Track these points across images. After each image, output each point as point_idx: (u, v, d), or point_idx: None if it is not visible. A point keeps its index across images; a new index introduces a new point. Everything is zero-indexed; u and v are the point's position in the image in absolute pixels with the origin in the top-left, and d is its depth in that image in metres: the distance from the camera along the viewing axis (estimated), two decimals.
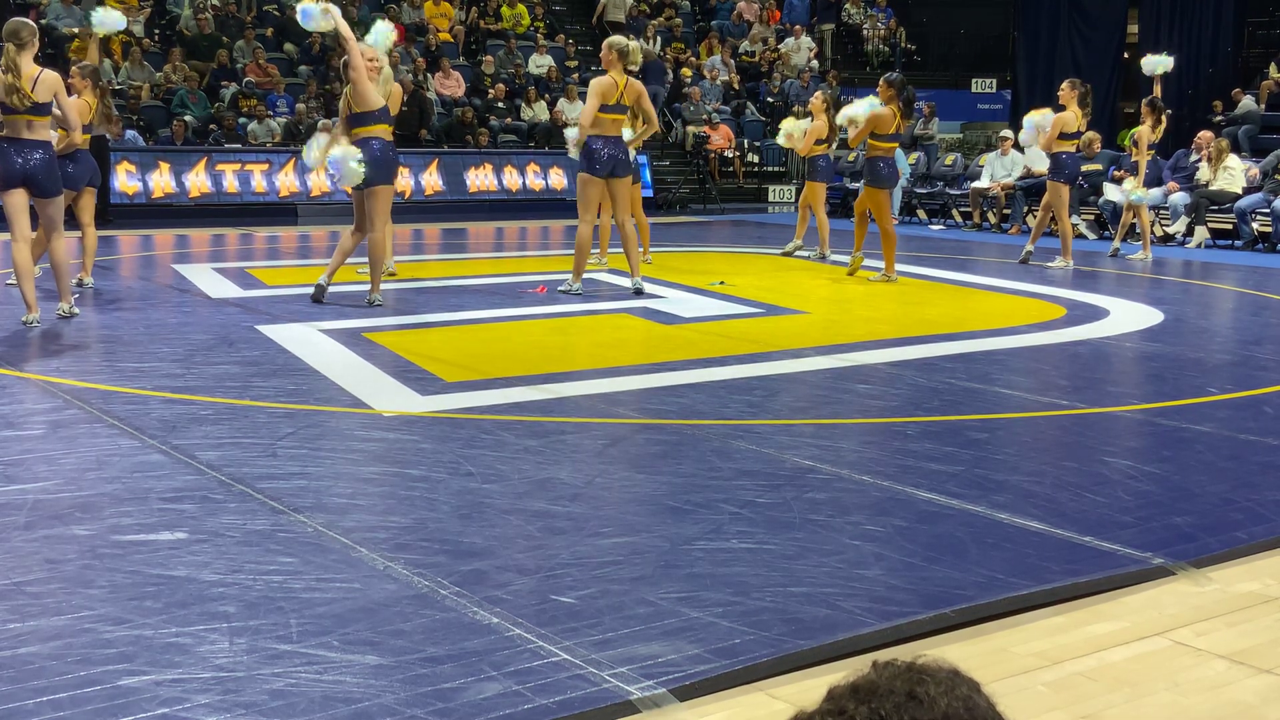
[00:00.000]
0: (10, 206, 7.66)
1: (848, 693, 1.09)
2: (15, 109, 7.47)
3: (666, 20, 23.21)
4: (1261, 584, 3.75)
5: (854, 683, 1.10)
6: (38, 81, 7.50)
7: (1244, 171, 14.80)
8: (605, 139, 9.38)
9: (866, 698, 1.08)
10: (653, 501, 4.43)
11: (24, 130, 7.55)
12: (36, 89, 7.49)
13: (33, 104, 7.49)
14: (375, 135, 8.74)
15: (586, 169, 9.44)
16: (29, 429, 5.30)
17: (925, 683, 1.08)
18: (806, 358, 7.22)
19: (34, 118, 7.56)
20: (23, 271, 7.72)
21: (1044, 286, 10.63)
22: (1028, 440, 5.61)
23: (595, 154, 9.37)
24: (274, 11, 20.03)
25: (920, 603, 3.45)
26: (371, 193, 8.69)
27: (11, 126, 7.54)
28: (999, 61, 23.88)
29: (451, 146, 18.26)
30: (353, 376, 6.41)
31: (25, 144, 7.55)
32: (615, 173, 9.50)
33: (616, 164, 9.46)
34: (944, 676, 1.09)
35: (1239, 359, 7.45)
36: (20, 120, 7.53)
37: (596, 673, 2.98)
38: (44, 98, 7.53)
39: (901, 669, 1.10)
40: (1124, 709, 2.93)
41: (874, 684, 1.09)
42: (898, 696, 1.07)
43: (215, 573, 3.58)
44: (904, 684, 1.08)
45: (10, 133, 7.56)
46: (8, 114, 7.51)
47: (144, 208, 15.91)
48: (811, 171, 13.10)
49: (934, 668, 1.10)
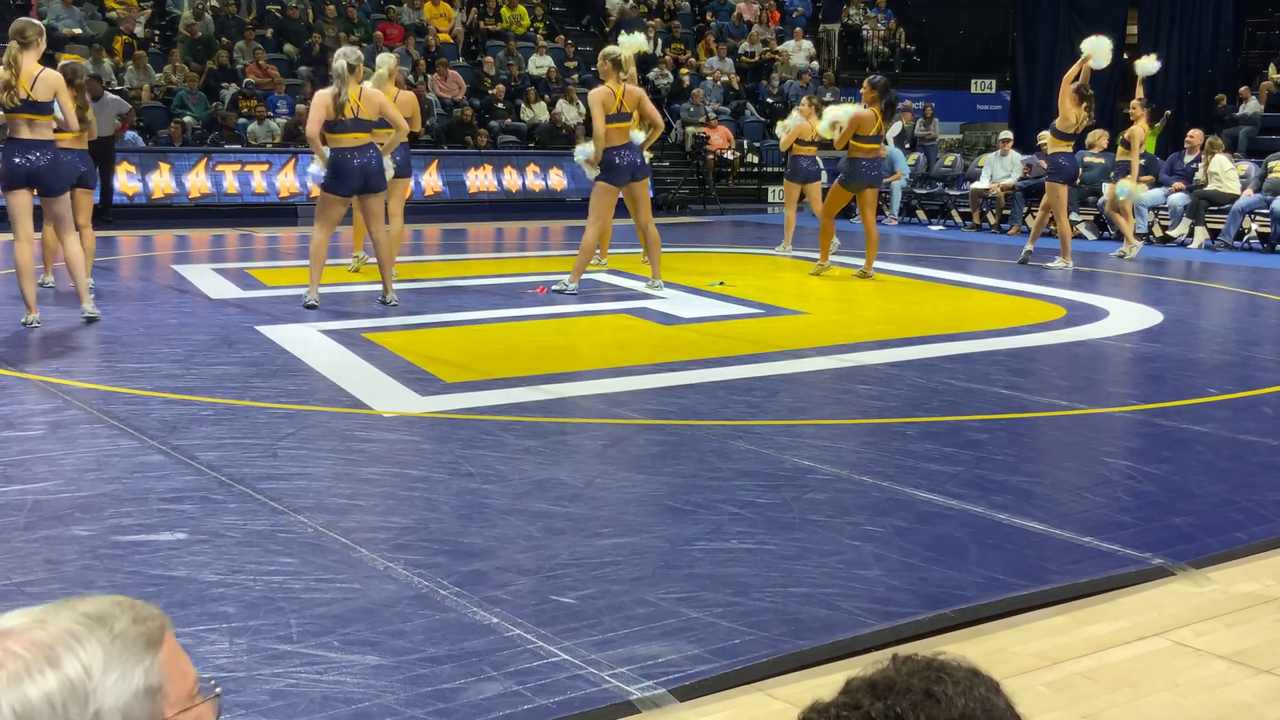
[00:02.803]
0: (14, 207, 7.68)
1: (865, 687, 1.09)
2: (6, 106, 7.49)
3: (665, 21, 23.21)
4: (1261, 584, 3.75)
5: (872, 677, 1.10)
6: (38, 80, 7.52)
7: (1236, 174, 14.78)
8: (618, 148, 9.54)
9: (883, 693, 1.07)
10: (653, 502, 4.43)
11: (24, 130, 7.56)
12: (36, 87, 7.51)
13: (26, 102, 7.49)
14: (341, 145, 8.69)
15: (607, 179, 9.60)
16: (29, 429, 5.30)
17: (943, 681, 1.08)
18: (806, 358, 7.22)
19: (34, 117, 7.56)
20: (23, 272, 7.72)
21: (1043, 287, 10.63)
22: (1028, 440, 5.62)
23: (615, 166, 9.55)
24: (274, 12, 20.03)
25: (920, 603, 3.46)
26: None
27: (12, 126, 7.57)
28: (999, 62, 23.86)
29: (451, 147, 18.26)
30: (353, 377, 6.41)
31: (27, 144, 7.56)
32: (635, 177, 9.71)
33: (636, 169, 9.67)
34: (963, 675, 1.09)
35: (1239, 359, 7.45)
36: (20, 119, 7.54)
37: (596, 673, 2.98)
38: (43, 96, 7.54)
39: (920, 665, 1.10)
40: (1124, 709, 2.93)
41: (891, 680, 1.08)
42: (915, 694, 1.06)
43: (215, 573, 3.58)
44: (922, 681, 1.08)
45: (12, 132, 7.59)
46: (6, 113, 7.53)
47: (144, 208, 15.90)
48: (792, 172, 13.36)
49: (953, 666, 1.10)
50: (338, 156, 8.56)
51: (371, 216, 8.88)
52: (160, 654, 1.08)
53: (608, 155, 9.53)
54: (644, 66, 20.83)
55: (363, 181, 8.63)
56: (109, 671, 1.04)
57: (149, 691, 1.06)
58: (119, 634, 1.06)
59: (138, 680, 1.05)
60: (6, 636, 1.04)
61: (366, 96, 8.64)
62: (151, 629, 1.09)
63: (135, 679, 1.05)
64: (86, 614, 1.07)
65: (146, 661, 1.06)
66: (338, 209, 8.78)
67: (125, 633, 1.07)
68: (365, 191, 8.72)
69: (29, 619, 1.06)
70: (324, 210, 8.76)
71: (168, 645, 1.10)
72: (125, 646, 1.06)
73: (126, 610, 1.09)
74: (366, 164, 8.61)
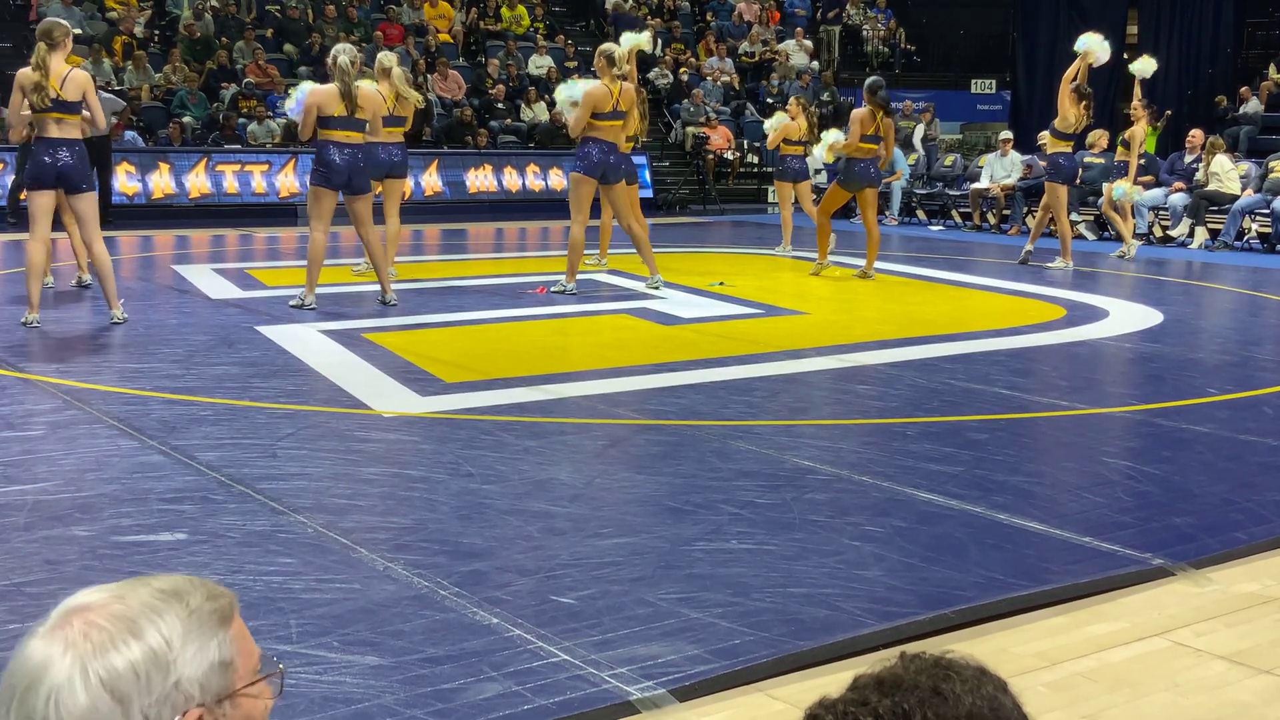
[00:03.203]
0: (37, 207, 7.79)
1: (872, 684, 1.09)
2: (36, 107, 7.59)
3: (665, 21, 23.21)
4: (1261, 584, 3.75)
5: (879, 674, 1.10)
6: (66, 80, 7.64)
7: (1237, 174, 14.79)
8: (601, 144, 9.47)
9: (891, 690, 1.07)
10: (652, 502, 4.43)
11: (52, 128, 7.67)
12: (65, 87, 7.62)
13: (55, 102, 7.60)
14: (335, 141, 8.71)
15: (581, 169, 9.54)
16: (29, 429, 5.30)
17: (951, 679, 1.07)
18: (806, 358, 7.22)
19: (63, 115, 7.67)
20: (33, 271, 7.78)
21: (1043, 287, 10.63)
22: (1027, 441, 5.61)
23: (587, 156, 9.48)
24: (274, 12, 20.03)
25: (920, 603, 3.45)
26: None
27: (40, 125, 7.69)
28: (999, 62, 23.85)
29: (451, 147, 18.26)
30: (352, 377, 6.40)
31: (55, 142, 7.67)
32: (607, 178, 9.58)
33: (608, 169, 9.54)
34: (970, 674, 1.09)
35: (1239, 359, 7.45)
36: (48, 118, 7.65)
37: (596, 673, 2.98)
38: (73, 96, 7.65)
39: (928, 663, 1.10)
40: (1124, 709, 2.93)
41: (899, 677, 1.08)
42: (922, 691, 1.06)
43: (215, 573, 3.58)
44: (929, 679, 1.07)
45: (40, 131, 7.70)
46: (35, 112, 7.64)
47: (144, 208, 15.90)
48: (781, 171, 13.43)
49: (961, 664, 1.10)
50: (324, 149, 8.57)
51: (359, 220, 8.87)
52: (231, 630, 1.14)
53: (586, 144, 9.48)
54: (644, 66, 20.84)
55: (347, 179, 8.63)
56: (188, 644, 1.09)
57: (223, 665, 1.12)
58: (195, 609, 1.12)
59: (213, 653, 1.11)
60: (87, 610, 1.10)
61: (365, 97, 8.65)
62: (223, 606, 1.15)
63: (211, 652, 1.11)
64: (163, 590, 1.13)
65: (220, 636, 1.12)
66: (328, 201, 8.76)
67: (200, 608, 1.12)
68: (350, 191, 8.72)
69: (106, 594, 1.12)
70: (316, 205, 8.75)
71: (237, 622, 1.16)
72: (201, 621, 1.11)
73: (199, 587, 1.14)
74: (353, 162, 8.62)
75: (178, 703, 1.07)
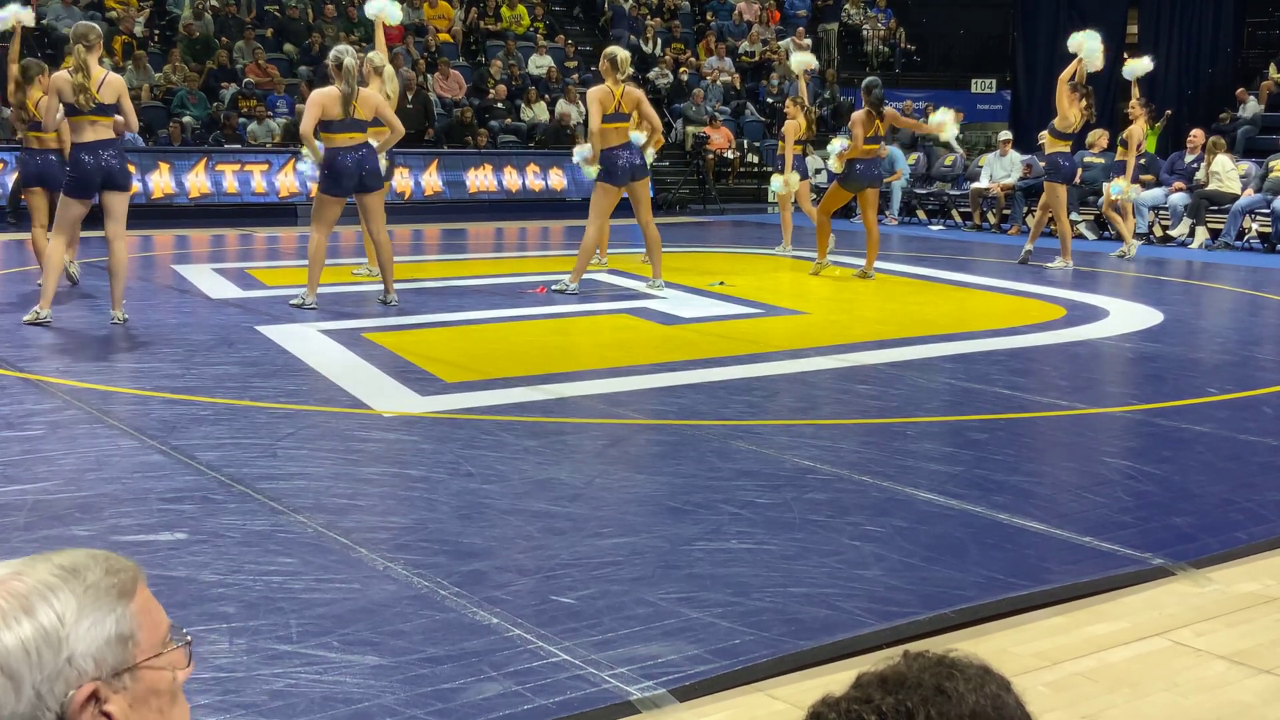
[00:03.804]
0: (71, 215, 7.88)
1: (876, 682, 1.09)
2: (81, 109, 7.63)
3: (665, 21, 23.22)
4: (1261, 584, 3.75)
5: (883, 673, 1.10)
6: (104, 83, 7.70)
7: (1237, 174, 14.78)
8: (618, 148, 9.57)
9: (894, 689, 1.07)
10: (653, 502, 4.43)
11: (88, 131, 7.71)
12: (103, 90, 7.68)
13: (98, 105, 7.64)
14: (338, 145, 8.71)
15: (607, 179, 9.62)
16: (29, 429, 5.30)
17: (955, 678, 1.07)
18: (806, 358, 7.22)
19: (99, 118, 7.71)
20: (52, 268, 7.86)
21: (1043, 287, 10.63)
22: (1027, 440, 5.61)
23: (616, 165, 9.57)
24: (274, 12, 20.03)
25: (920, 603, 3.45)
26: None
27: (77, 129, 7.73)
28: (999, 62, 23.86)
29: (451, 147, 18.25)
30: (352, 377, 6.41)
31: (96, 144, 7.70)
32: (635, 177, 9.72)
33: (635, 169, 9.68)
34: (974, 673, 1.09)
35: (1239, 359, 7.45)
36: (84, 121, 7.69)
37: (596, 673, 2.98)
38: (109, 99, 7.71)
39: (932, 661, 1.10)
40: (1124, 709, 2.93)
41: (903, 676, 1.08)
42: (926, 690, 1.06)
43: (215, 573, 3.58)
44: (933, 677, 1.07)
45: (77, 136, 7.74)
46: (73, 115, 7.67)
47: (144, 208, 15.88)
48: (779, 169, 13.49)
49: (965, 663, 1.10)
50: (333, 156, 8.56)
51: (371, 215, 8.89)
52: (132, 604, 1.14)
53: (609, 156, 9.55)
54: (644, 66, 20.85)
55: (359, 180, 8.64)
56: (81, 619, 1.10)
57: (120, 639, 1.12)
58: (91, 584, 1.12)
59: (109, 628, 1.11)
60: None
61: (363, 97, 8.65)
62: (124, 580, 1.15)
63: (107, 627, 1.11)
64: (62, 566, 1.13)
65: (118, 611, 1.12)
66: (334, 209, 8.77)
67: (98, 584, 1.13)
68: (362, 190, 8.72)
69: (7, 570, 1.12)
70: (320, 212, 8.76)
71: (140, 596, 1.15)
72: (98, 596, 1.12)
73: (100, 562, 1.14)
74: (362, 162, 8.62)
75: (71, 678, 1.08)
